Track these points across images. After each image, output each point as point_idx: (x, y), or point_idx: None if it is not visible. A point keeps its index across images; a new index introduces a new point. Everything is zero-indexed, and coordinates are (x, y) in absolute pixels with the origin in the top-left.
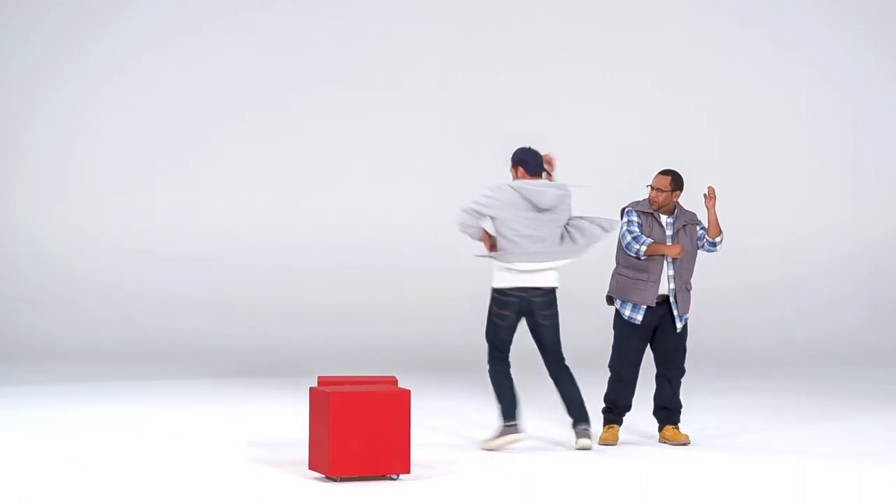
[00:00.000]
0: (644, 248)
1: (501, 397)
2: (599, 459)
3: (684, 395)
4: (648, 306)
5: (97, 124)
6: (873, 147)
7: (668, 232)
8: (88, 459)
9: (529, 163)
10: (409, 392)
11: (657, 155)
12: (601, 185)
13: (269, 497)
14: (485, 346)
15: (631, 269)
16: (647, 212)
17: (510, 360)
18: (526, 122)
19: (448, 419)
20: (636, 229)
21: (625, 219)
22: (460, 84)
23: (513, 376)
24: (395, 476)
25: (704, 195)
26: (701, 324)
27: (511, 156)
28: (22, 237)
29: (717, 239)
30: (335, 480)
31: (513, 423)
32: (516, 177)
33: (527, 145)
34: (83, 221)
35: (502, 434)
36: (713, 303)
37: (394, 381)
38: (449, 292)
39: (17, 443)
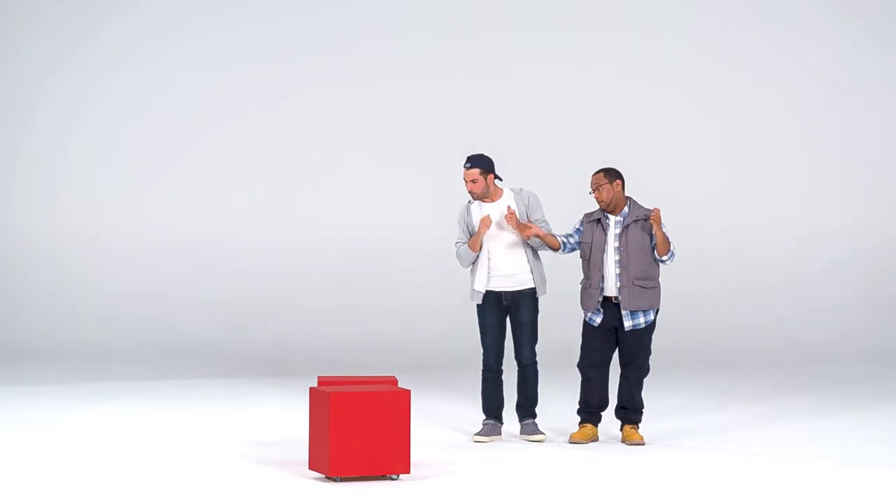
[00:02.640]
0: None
1: None
2: (599, 459)
3: (682, 395)
4: (606, 308)
5: (96, 125)
6: (874, 148)
7: (617, 230)
8: (88, 459)
9: None
10: (409, 392)
11: (657, 155)
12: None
13: (269, 497)
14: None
15: (584, 277)
16: (594, 219)
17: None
18: (525, 122)
19: (448, 419)
20: (571, 240)
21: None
22: (462, 84)
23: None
24: (395, 476)
25: (650, 216)
26: (701, 324)
27: (488, 164)
28: (22, 237)
29: (665, 257)
30: (335, 480)
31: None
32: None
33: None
34: (83, 222)
35: None
36: (713, 303)
37: (394, 381)
38: (449, 292)
39: (16, 443)
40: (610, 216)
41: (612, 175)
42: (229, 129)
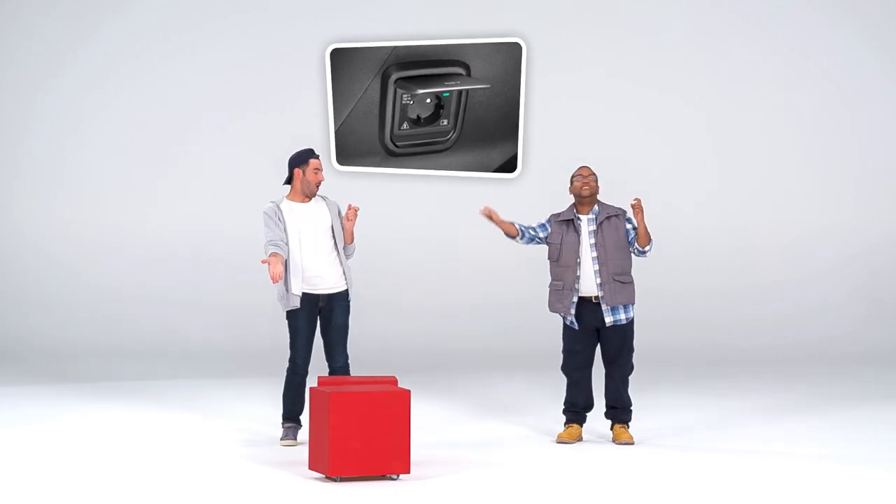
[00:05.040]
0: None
1: None
2: (600, 458)
3: (680, 394)
4: (584, 309)
5: (97, 125)
6: (873, 147)
7: (591, 228)
8: (87, 460)
9: None
10: (409, 392)
11: (657, 156)
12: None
13: (269, 497)
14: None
15: (553, 279)
16: (564, 220)
17: None
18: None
19: (448, 419)
20: (531, 232)
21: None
22: None
23: None
24: (395, 476)
25: (632, 206)
26: (700, 323)
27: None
28: (22, 238)
29: (647, 248)
30: (335, 480)
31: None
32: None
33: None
34: (83, 222)
35: None
36: (712, 302)
37: (394, 381)
38: (449, 292)
39: (15, 443)
40: (581, 216)
41: (595, 175)
42: (230, 130)
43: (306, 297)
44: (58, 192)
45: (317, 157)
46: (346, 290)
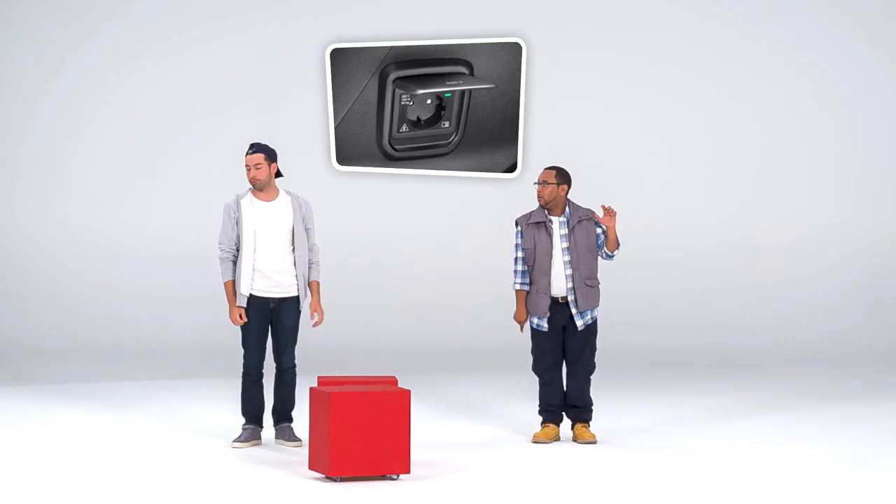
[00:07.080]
0: (514, 288)
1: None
2: (601, 458)
3: (680, 395)
4: (552, 310)
5: (97, 125)
6: (873, 147)
7: (563, 231)
8: (86, 460)
9: None
10: (409, 392)
11: (656, 156)
12: (599, 188)
13: (269, 497)
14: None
15: (530, 283)
16: (534, 222)
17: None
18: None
19: (448, 419)
20: (519, 265)
21: (515, 240)
22: None
23: None
24: (395, 476)
25: (603, 208)
26: (701, 324)
27: (272, 153)
28: (22, 237)
29: (614, 252)
30: (335, 480)
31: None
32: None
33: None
34: (83, 222)
35: None
36: (714, 303)
37: (394, 381)
38: (449, 292)
39: (14, 443)
40: (553, 218)
41: (561, 177)
42: (230, 130)
43: (257, 300)
44: (58, 192)
45: (250, 152)
46: (297, 297)
